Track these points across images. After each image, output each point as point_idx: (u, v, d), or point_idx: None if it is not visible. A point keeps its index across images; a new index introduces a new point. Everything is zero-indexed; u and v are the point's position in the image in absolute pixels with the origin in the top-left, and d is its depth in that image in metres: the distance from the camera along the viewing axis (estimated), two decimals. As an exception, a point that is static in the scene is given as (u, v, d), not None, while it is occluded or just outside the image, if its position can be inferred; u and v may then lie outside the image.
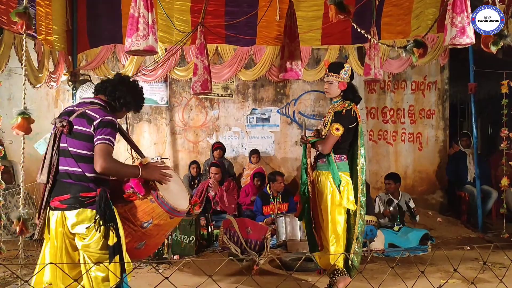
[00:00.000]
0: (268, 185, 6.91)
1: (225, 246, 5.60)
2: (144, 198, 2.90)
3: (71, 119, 2.81)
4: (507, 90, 6.40)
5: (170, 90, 8.33)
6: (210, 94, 7.65)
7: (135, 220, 2.92)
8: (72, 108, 2.94)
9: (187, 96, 8.31)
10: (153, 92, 8.25)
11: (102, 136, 2.73)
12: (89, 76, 7.10)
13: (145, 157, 3.16)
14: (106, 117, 2.80)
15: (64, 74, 6.59)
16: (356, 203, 4.04)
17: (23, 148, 4.22)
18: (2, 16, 4.68)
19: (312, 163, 4.24)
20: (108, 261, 2.72)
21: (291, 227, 5.82)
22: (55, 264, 2.75)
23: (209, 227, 6.22)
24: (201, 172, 7.83)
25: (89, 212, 2.74)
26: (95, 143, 2.73)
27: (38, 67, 5.67)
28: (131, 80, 3.16)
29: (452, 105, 9.22)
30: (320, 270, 4.67)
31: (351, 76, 4.17)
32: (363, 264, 4.99)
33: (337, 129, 3.97)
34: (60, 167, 2.80)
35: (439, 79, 8.51)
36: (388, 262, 5.24)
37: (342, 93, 4.15)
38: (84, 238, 2.75)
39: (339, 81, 4.10)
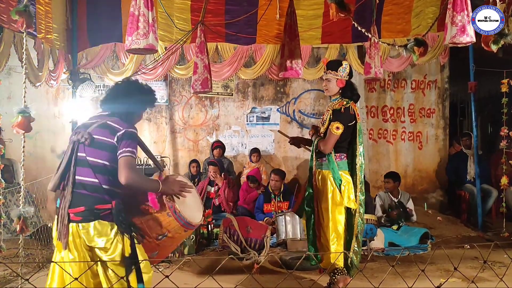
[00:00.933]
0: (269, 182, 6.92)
1: (225, 244, 5.60)
2: (159, 212, 2.89)
3: (90, 130, 2.77)
4: (507, 89, 6.39)
5: (170, 89, 8.32)
6: (210, 93, 7.65)
7: (150, 232, 2.89)
8: (89, 121, 2.90)
9: (187, 94, 8.31)
10: (153, 90, 8.23)
11: (128, 149, 2.70)
12: (89, 74, 7.10)
13: (163, 169, 3.14)
14: (130, 129, 2.78)
15: (64, 73, 6.59)
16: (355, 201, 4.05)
17: (23, 147, 4.22)
18: (2, 15, 4.66)
19: (313, 162, 4.25)
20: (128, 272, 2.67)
21: (291, 226, 5.82)
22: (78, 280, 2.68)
23: (209, 225, 6.22)
24: (201, 171, 7.83)
25: (105, 225, 2.69)
26: (120, 156, 2.69)
27: (38, 65, 5.67)
28: (137, 84, 3.10)
29: (452, 104, 9.22)
30: (321, 269, 4.68)
31: (350, 74, 4.16)
32: (363, 263, 4.99)
33: (338, 128, 3.96)
34: (76, 177, 2.74)
35: (439, 78, 8.51)
36: (388, 261, 5.24)
37: (340, 91, 4.14)
38: (106, 252, 2.70)
39: (337, 79, 4.10)
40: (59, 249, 2.78)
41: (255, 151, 7.91)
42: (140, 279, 2.68)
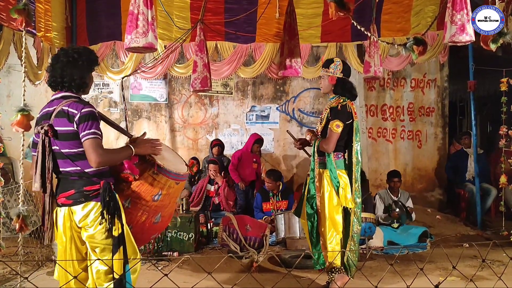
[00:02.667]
0: (268, 182, 6.90)
1: (224, 243, 5.61)
2: (144, 175, 2.95)
3: (51, 122, 2.74)
4: (506, 88, 6.38)
5: (170, 87, 8.32)
6: (210, 91, 7.64)
7: (145, 196, 2.97)
8: (46, 110, 2.83)
9: (187, 93, 8.31)
10: (153, 89, 8.24)
11: (87, 132, 2.68)
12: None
13: (132, 135, 3.15)
14: (84, 110, 2.72)
15: (63, 71, 6.58)
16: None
17: (23, 145, 4.22)
18: (1, 13, 4.66)
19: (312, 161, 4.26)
20: (109, 254, 2.74)
21: (290, 225, 5.82)
22: (55, 261, 2.76)
23: (208, 224, 6.22)
24: (201, 169, 7.83)
25: (94, 205, 2.75)
26: (82, 140, 2.69)
27: (37, 64, 5.67)
28: (68, 53, 2.87)
29: (452, 103, 9.23)
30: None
31: (345, 71, 4.17)
32: (362, 262, 5.00)
33: (338, 126, 3.98)
34: (60, 169, 2.79)
35: (438, 77, 8.51)
36: (387, 260, 5.25)
37: (334, 88, 4.17)
38: (88, 229, 2.76)
39: (328, 76, 4.14)
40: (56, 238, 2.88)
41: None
42: (126, 261, 2.74)
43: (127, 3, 5.01)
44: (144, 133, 3.13)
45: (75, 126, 2.71)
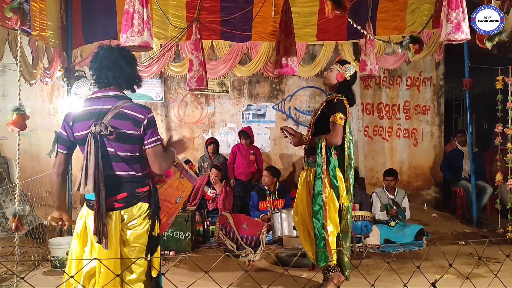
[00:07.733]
0: (265, 180, 6.91)
1: (221, 242, 5.61)
2: (172, 178, 3.12)
3: (107, 121, 2.64)
4: (501, 86, 6.39)
5: (166, 86, 8.30)
6: (206, 90, 7.62)
7: (170, 199, 3.11)
8: (93, 108, 2.71)
9: (183, 92, 8.30)
10: (149, 88, 8.22)
11: (153, 139, 2.72)
12: (84, 72, 7.06)
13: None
14: (149, 115, 2.73)
15: (59, 70, 6.56)
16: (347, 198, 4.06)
17: (19, 145, 4.20)
18: (-4, 12, 4.64)
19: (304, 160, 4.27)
20: (143, 254, 2.72)
21: (287, 223, 5.82)
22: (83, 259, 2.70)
23: (205, 223, 6.22)
24: (195, 169, 7.81)
25: (143, 206, 2.75)
26: (147, 147, 2.71)
27: (32, 63, 5.63)
28: (119, 50, 2.86)
29: (447, 101, 9.24)
30: (311, 266, 4.71)
31: (352, 77, 4.18)
32: (358, 260, 5.01)
33: (341, 118, 3.99)
34: (110, 172, 2.68)
35: (434, 75, 8.53)
36: (383, 258, 5.25)
37: (338, 85, 4.16)
38: (135, 227, 2.72)
39: (338, 71, 4.15)
40: (83, 242, 2.74)
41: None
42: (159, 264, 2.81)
43: (123, 2, 4.99)
44: (170, 137, 3.22)
45: (142, 130, 2.69)
